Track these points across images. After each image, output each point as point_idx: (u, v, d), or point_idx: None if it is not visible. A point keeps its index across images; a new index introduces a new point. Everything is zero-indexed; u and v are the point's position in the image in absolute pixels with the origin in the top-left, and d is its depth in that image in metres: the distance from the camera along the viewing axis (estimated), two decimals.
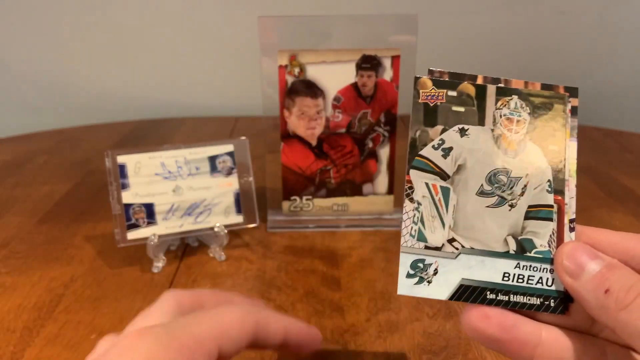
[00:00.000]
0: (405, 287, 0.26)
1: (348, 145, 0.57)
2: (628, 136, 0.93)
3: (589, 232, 0.25)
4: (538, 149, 0.27)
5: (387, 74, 0.54)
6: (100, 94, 1.07)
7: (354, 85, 0.55)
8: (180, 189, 0.51)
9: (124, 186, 0.49)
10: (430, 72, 0.27)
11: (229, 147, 0.52)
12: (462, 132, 0.27)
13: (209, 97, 1.08)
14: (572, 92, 0.27)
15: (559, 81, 0.27)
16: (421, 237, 0.26)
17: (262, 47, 0.53)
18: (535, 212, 0.26)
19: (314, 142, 0.57)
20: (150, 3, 1.01)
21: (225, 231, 0.51)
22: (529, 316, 0.26)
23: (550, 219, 0.26)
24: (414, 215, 0.26)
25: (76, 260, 0.51)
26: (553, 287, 0.26)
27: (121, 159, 0.49)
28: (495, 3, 1.02)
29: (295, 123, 0.56)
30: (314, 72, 0.54)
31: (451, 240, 0.26)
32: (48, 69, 1.05)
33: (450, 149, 0.27)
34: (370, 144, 0.57)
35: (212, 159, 0.52)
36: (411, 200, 0.27)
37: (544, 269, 0.26)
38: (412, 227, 0.26)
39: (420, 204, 0.27)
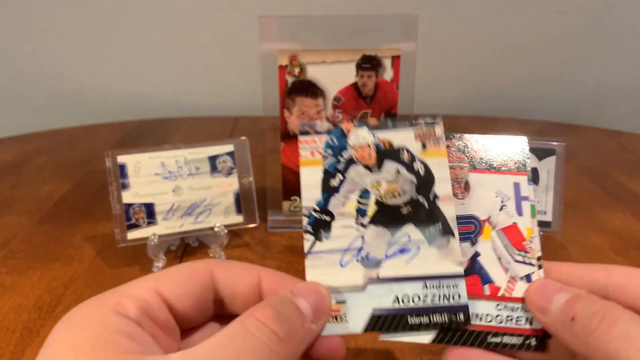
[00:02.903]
0: None
1: None
2: (628, 136, 0.93)
3: (556, 267, 0.26)
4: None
5: (388, 74, 0.54)
6: (101, 94, 1.07)
7: (354, 85, 0.55)
8: (180, 189, 0.51)
9: (124, 186, 0.49)
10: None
11: (229, 147, 0.52)
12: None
13: (209, 97, 1.08)
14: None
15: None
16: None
17: (262, 47, 0.53)
18: None
19: None
20: (151, 3, 1.01)
21: (225, 231, 0.51)
22: (511, 355, 0.26)
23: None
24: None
25: (76, 260, 0.51)
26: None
27: (121, 159, 0.49)
28: (495, 3, 1.02)
29: (295, 123, 0.56)
30: (314, 72, 0.54)
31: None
32: (48, 68, 1.05)
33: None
34: None
35: (212, 159, 0.52)
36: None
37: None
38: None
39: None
